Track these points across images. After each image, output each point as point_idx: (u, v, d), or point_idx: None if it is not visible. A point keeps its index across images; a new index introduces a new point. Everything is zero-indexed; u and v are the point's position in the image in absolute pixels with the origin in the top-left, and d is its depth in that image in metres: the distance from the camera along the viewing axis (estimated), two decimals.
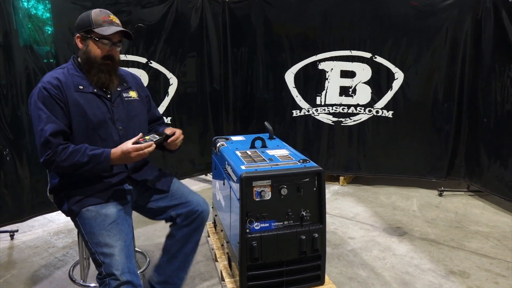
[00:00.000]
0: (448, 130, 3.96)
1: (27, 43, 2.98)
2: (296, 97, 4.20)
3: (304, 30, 4.07)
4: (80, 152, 1.82)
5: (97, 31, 1.93)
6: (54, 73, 1.95)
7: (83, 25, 1.95)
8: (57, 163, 1.81)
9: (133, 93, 2.13)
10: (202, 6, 3.98)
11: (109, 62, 1.98)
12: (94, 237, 1.82)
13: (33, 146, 3.07)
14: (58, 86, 1.88)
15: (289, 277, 2.19)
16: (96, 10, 1.99)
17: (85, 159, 1.81)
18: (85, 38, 1.95)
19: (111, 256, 1.76)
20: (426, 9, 3.79)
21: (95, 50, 1.95)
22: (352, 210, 3.71)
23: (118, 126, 2.00)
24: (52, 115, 1.84)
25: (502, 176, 3.55)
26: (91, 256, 1.82)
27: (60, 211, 2.02)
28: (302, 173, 2.16)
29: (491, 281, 2.59)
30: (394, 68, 3.95)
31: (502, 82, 3.47)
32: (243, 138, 2.85)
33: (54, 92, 1.87)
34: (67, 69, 1.98)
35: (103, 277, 1.75)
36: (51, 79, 1.90)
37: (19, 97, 2.96)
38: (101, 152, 1.84)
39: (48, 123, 1.82)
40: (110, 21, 1.97)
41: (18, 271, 2.74)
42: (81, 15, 2.00)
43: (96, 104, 1.95)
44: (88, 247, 1.84)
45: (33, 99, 1.87)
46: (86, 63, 1.96)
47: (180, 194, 2.16)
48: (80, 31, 1.96)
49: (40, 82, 1.92)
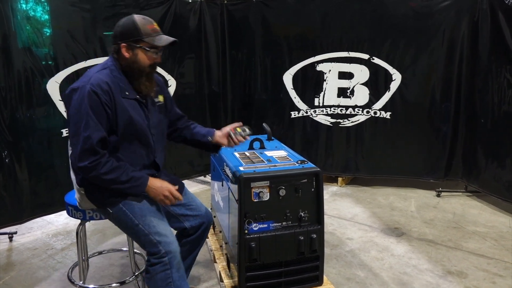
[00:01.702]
0: (446, 131, 3.98)
1: (25, 45, 2.99)
2: (294, 98, 4.21)
3: (302, 31, 4.08)
4: (122, 170, 1.85)
5: (148, 41, 1.89)
6: (102, 75, 1.88)
7: (131, 34, 1.89)
8: (98, 173, 1.81)
9: (161, 97, 2.12)
10: (200, 8, 4.00)
11: (154, 70, 2.00)
12: (146, 218, 1.90)
13: (32, 148, 3.08)
14: (108, 91, 1.84)
15: (287, 277, 2.20)
16: (139, 18, 1.93)
17: (125, 177, 1.84)
18: (133, 47, 1.90)
19: (166, 236, 1.88)
20: (423, 10, 3.81)
21: (144, 59, 1.91)
22: (350, 211, 3.72)
23: (152, 132, 2.02)
24: (99, 122, 1.81)
25: (500, 177, 3.56)
26: (145, 238, 1.88)
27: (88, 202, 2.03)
28: (300, 174, 2.17)
29: (489, 281, 2.60)
30: (391, 69, 3.96)
31: (499, 83, 3.49)
32: None
33: (104, 98, 1.83)
34: (110, 70, 1.92)
35: (160, 256, 1.85)
36: (101, 83, 1.84)
37: (18, 99, 2.96)
38: (140, 176, 1.89)
39: (95, 130, 1.80)
40: (157, 30, 1.94)
41: (17, 273, 2.75)
42: (123, 23, 1.92)
43: (138, 111, 1.95)
44: (139, 229, 1.89)
45: (83, 103, 1.80)
46: (133, 72, 1.93)
47: (194, 205, 2.20)
48: (127, 40, 1.90)
49: (87, 82, 1.83)
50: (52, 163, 3.22)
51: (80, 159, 1.80)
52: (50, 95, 3.14)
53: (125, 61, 1.92)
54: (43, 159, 3.16)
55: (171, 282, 1.87)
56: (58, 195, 3.16)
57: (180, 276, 1.89)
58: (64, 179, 3.28)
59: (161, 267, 1.86)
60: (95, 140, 1.79)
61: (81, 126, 1.79)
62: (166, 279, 1.87)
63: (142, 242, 1.92)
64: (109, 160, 1.83)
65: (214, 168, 2.80)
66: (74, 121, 1.82)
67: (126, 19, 1.93)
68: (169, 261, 1.86)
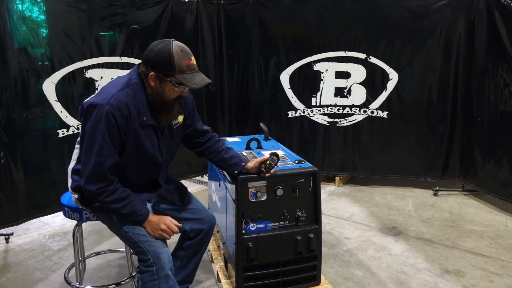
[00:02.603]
0: (443, 130, 3.98)
1: (21, 45, 2.97)
2: (291, 98, 4.21)
3: (299, 31, 4.08)
4: (126, 202, 1.83)
5: (180, 79, 1.78)
6: (123, 95, 1.79)
7: (164, 66, 1.77)
8: (104, 200, 1.80)
9: (181, 118, 2.03)
10: (197, 7, 3.99)
11: (178, 102, 1.92)
12: (136, 227, 1.88)
13: (28, 149, 3.07)
14: (127, 116, 1.78)
15: (285, 277, 2.20)
16: (177, 50, 1.78)
17: (127, 210, 1.83)
18: (162, 80, 1.80)
19: (156, 246, 1.85)
20: (420, 10, 3.81)
21: (171, 93, 1.83)
22: (348, 210, 3.72)
23: (164, 156, 1.99)
24: (113, 147, 1.77)
25: (496, 175, 3.57)
26: (134, 245, 1.88)
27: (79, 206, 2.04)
28: (298, 173, 2.17)
29: (486, 279, 2.61)
30: (388, 68, 3.97)
31: (495, 82, 3.50)
32: (239, 139, 2.86)
33: (121, 122, 1.77)
34: (133, 89, 1.82)
35: (149, 265, 1.82)
36: (121, 106, 1.76)
37: (14, 100, 2.95)
38: (141, 212, 1.87)
39: (109, 156, 1.76)
40: (192, 67, 1.82)
41: (13, 275, 2.73)
42: (159, 50, 1.78)
43: (151, 138, 1.90)
44: (129, 236, 1.88)
45: (100, 124, 1.74)
46: (156, 101, 1.85)
47: (195, 209, 2.19)
48: (158, 70, 1.79)
49: (107, 100, 1.75)
50: (48, 163, 3.20)
51: (89, 181, 1.78)
52: (46, 95, 3.12)
53: (149, 89, 1.84)
54: (39, 160, 3.15)
55: None
56: (54, 196, 3.15)
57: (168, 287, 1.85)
58: (60, 179, 3.27)
59: (149, 276, 1.83)
60: (107, 167, 1.76)
61: (94, 147, 1.75)
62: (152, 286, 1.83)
63: (132, 248, 1.93)
64: (116, 189, 1.81)
65: (211, 168, 2.80)
66: (89, 139, 1.77)
67: (163, 46, 1.79)
68: (156, 271, 1.82)
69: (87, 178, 1.78)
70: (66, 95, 3.23)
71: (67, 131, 3.27)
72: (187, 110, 2.07)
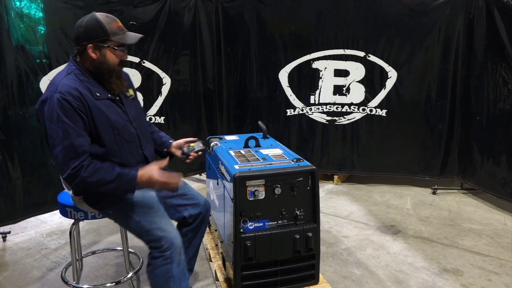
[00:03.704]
0: (441, 128, 3.98)
1: (19, 43, 2.96)
2: (290, 96, 4.20)
3: (298, 29, 4.06)
4: (106, 169, 1.80)
5: (116, 40, 1.87)
6: (69, 81, 1.82)
7: (97, 34, 1.84)
8: (82, 177, 1.75)
9: (131, 91, 2.10)
10: (195, 5, 3.97)
11: (122, 67, 1.99)
12: (147, 214, 1.92)
13: (25, 147, 3.05)
14: (79, 97, 1.79)
15: (283, 276, 2.19)
16: (103, 17, 1.87)
17: (110, 177, 1.79)
18: (100, 47, 1.86)
19: (168, 231, 1.90)
20: (418, 8, 3.80)
21: (113, 58, 1.89)
22: (346, 209, 3.71)
23: (135, 126, 2.00)
24: (78, 128, 1.77)
25: (495, 174, 3.57)
26: (146, 234, 1.90)
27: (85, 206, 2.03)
28: (296, 172, 2.16)
29: (484, 278, 2.61)
30: (387, 66, 3.96)
31: (494, 81, 3.49)
32: (237, 137, 2.84)
33: (76, 104, 1.78)
34: (75, 74, 1.86)
35: (162, 251, 1.86)
36: (70, 89, 1.78)
37: (10, 97, 2.93)
38: (128, 172, 1.83)
39: (76, 137, 1.76)
40: (122, 27, 1.92)
41: (10, 273, 2.72)
42: (86, 23, 1.86)
43: (114, 109, 1.92)
44: (141, 226, 1.90)
45: (55, 113, 1.75)
46: (101, 72, 1.90)
47: (191, 195, 2.24)
48: (93, 40, 1.85)
49: (54, 91, 1.77)
50: (45, 162, 3.19)
51: (63, 169, 1.77)
52: (43, 93, 3.10)
53: (92, 62, 1.88)
54: (36, 158, 3.14)
55: (171, 277, 1.88)
56: (51, 194, 3.14)
57: (180, 271, 1.90)
58: (57, 178, 3.25)
59: (162, 261, 1.87)
60: (77, 147, 1.75)
61: (58, 135, 1.74)
62: (166, 274, 1.87)
63: (145, 238, 1.93)
64: (92, 162, 1.78)
65: (209, 167, 2.78)
66: (50, 134, 1.77)
67: (88, 19, 1.87)
68: (171, 255, 1.87)
69: (62, 167, 1.76)
70: None
71: None
72: (133, 86, 2.17)
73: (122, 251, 2.40)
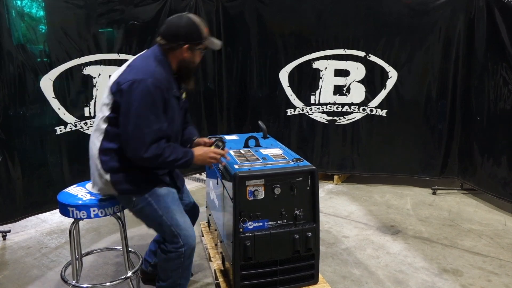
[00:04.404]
0: (442, 128, 3.97)
1: (20, 42, 2.96)
2: (290, 96, 4.20)
3: (298, 28, 4.06)
4: (176, 148, 1.99)
5: (207, 44, 2.06)
6: (160, 71, 1.97)
7: (195, 37, 2.01)
8: (164, 157, 1.92)
9: (184, 94, 2.23)
10: (195, 4, 3.97)
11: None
12: (169, 211, 2.04)
13: (25, 146, 3.05)
14: (168, 88, 1.96)
15: (282, 276, 2.20)
16: (199, 20, 2.04)
17: (181, 154, 1.98)
18: (193, 49, 2.03)
19: (186, 230, 2.04)
20: (419, 8, 3.79)
21: (198, 59, 2.09)
22: (346, 209, 3.71)
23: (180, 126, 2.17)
24: (163, 115, 1.94)
25: (495, 174, 3.57)
26: (166, 228, 2.03)
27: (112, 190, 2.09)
28: (296, 172, 2.16)
29: (484, 279, 2.60)
30: (387, 66, 3.95)
31: (495, 81, 3.49)
32: (237, 137, 2.84)
33: (166, 94, 1.94)
34: (163, 66, 2.01)
35: (178, 248, 2.02)
36: (163, 80, 1.95)
37: (11, 97, 2.93)
38: (188, 150, 2.05)
39: (163, 122, 1.94)
40: (208, 32, 2.08)
41: (10, 272, 2.72)
42: (186, 24, 2.01)
43: (177, 106, 2.08)
44: (162, 220, 2.03)
45: (150, 97, 1.88)
46: (186, 70, 2.07)
47: (186, 194, 2.40)
48: (190, 42, 2.01)
49: (148, 76, 1.90)
50: (46, 161, 3.20)
51: (148, 149, 1.89)
52: (44, 92, 3.11)
53: (181, 61, 2.04)
54: (36, 157, 3.14)
55: (181, 266, 2.06)
56: (52, 193, 3.14)
57: (189, 263, 2.09)
58: (57, 177, 3.27)
59: (176, 256, 2.03)
60: (164, 131, 1.94)
61: (148, 119, 1.88)
62: (178, 264, 2.05)
63: (164, 231, 2.06)
64: (168, 145, 1.97)
65: (209, 166, 2.78)
66: (139, 114, 1.88)
67: (187, 20, 2.02)
68: (184, 252, 2.03)
69: (148, 148, 1.88)
70: (63, 92, 3.22)
71: (65, 128, 3.26)
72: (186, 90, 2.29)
73: (122, 250, 2.40)
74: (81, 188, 2.29)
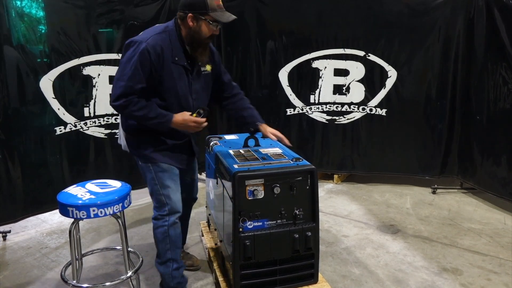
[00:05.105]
0: (441, 128, 3.98)
1: (19, 42, 2.96)
2: (290, 95, 4.20)
3: (298, 28, 4.06)
4: (150, 108, 2.11)
5: (213, 16, 2.11)
6: (160, 38, 2.11)
7: (198, 6, 2.10)
8: (130, 110, 2.09)
9: (209, 67, 2.34)
10: None
11: (211, 41, 2.24)
12: (164, 183, 2.26)
13: (25, 146, 3.06)
14: (159, 55, 2.08)
15: (282, 275, 2.20)
16: None
17: (153, 114, 2.11)
18: (198, 19, 2.11)
19: (174, 202, 2.27)
20: (419, 7, 3.79)
21: (206, 31, 2.14)
22: (346, 208, 3.71)
23: (193, 97, 2.27)
24: (143, 75, 2.06)
25: (495, 173, 3.57)
26: (157, 196, 2.27)
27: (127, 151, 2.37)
28: (295, 171, 2.16)
29: (484, 277, 2.61)
30: (387, 66, 3.96)
31: (494, 80, 3.49)
32: (237, 137, 2.84)
33: (154, 58, 2.07)
34: (169, 34, 2.14)
35: (164, 215, 2.26)
36: (156, 46, 2.08)
37: (11, 97, 2.93)
38: (166, 114, 2.14)
39: (139, 83, 2.06)
40: (221, 6, 2.17)
41: (10, 272, 2.73)
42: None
43: (183, 77, 2.19)
44: (156, 188, 2.26)
45: (135, 57, 2.05)
46: (193, 41, 2.16)
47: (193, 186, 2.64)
48: (194, 11, 2.10)
49: (145, 40, 2.07)
50: (45, 161, 3.20)
51: (117, 99, 2.07)
52: (44, 92, 3.11)
53: (187, 30, 2.15)
54: (36, 157, 3.14)
55: (167, 236, 2.27)
56: (52, 193, 3.13)
57: (175, 235, 2.29)
58: (57, 177, 3.27)
59: (162, 223, 2.26)
60: (136, 90, 2.07)
61: (127, 74, 2.05)
62: (164, 233, 2.27)
63: (154, 197, 2.28)
64: (140, 100, 2.09)
65: (209, 166, 2.79)
66: (122, 68, 2.09)
67: None
68: (168, 219, 2.25)
69: (117, 98, 2.07)
70: (63, 92, 3.22)
71: (65, 128, 3.27)
72: (215, 62, 2.39)
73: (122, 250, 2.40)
74: (81, 188, 2.29)
